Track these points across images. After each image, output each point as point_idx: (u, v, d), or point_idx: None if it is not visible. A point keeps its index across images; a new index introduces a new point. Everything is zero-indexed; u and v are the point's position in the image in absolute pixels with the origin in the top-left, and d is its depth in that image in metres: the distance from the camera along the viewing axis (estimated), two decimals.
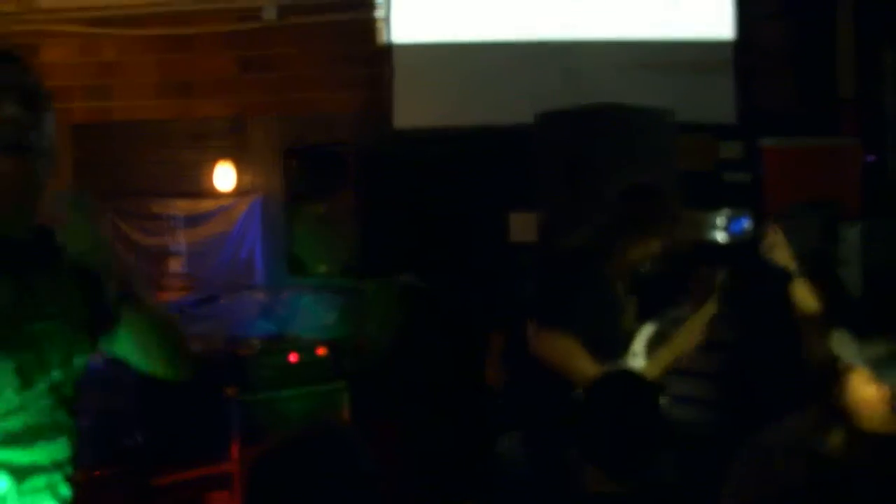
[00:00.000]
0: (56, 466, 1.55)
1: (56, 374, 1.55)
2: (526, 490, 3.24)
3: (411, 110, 5.63)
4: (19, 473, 1.50)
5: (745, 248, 5.05)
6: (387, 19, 5.68)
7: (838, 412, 1.92)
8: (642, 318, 3.39)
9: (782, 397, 3.50)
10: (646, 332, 3.36)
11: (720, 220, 5.16)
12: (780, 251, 2.93)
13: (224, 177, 5.98)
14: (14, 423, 1.49)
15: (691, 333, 3.45)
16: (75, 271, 1.60)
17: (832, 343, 2.15)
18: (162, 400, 4.00)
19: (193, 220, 5.97)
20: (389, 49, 5.67)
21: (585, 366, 3.00)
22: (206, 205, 5.99)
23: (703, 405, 4.10)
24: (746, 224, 5.16)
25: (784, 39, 5.59)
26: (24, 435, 1.50)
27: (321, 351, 4.83)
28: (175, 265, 5.91)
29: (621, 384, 2.32)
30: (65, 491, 1.60)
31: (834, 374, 2.00)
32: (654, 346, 3.35)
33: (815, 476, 1.47)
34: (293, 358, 4.73)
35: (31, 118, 1.56)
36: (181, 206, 5.99)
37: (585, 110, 4.39)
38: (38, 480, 1.53)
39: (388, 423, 4.51)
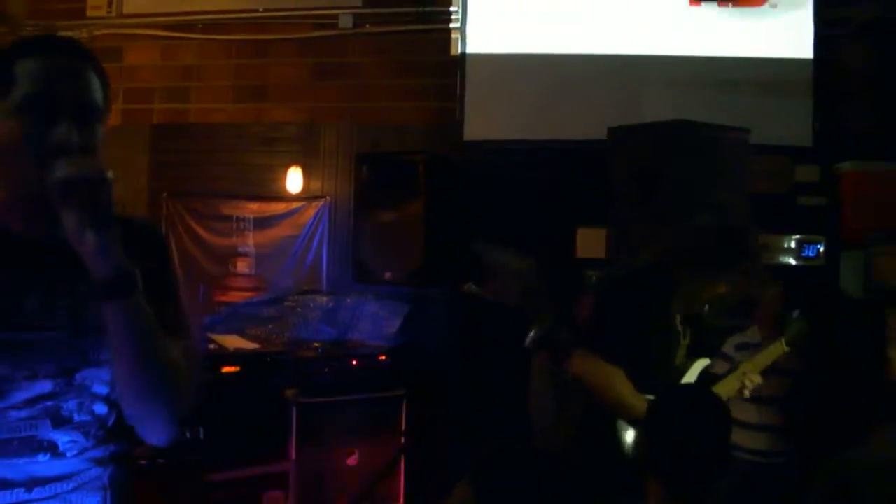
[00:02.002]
0: (36, 484, 1.41)
1: (44, 387, 1.42)
2: None
3: (482, 122, 5.61)
4: None
5: (817, 275, 4.94)
6: (461, 30, 5.68)
7: None
8: (698, 351, 3.15)
9: (846, 421, 3.40)
10: (698, 367, 3.14)
11: (793, 245, 5.04)
12: None
13: (294, 181, 6.05)
14: None
15: (757, 368, 3.38)
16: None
17: None
18: (223, 397, 4.06)
19: (262, 223, 6.07)
20: (462, 60, 5.67)
21: (628, 396, 2.80)
22: (276, 208, 6.08)
23: (764, 430, 4.01)
24: (820, 249, 5.03)
25: (865, 59, 5.42)
26: None
27: (382, 357, 4.85)
28: (243, 266, 5.99)
29: (696, 398, 2.28)
30: None
31: None
32: (706, 381, 3.18)
33: None
34: (354, 363, 4.75)
35: (86, 133, 1.44)
36: (251, 209, 6.08)
37: (659, 126, 4.32)
38: (7, 497, 1.40)
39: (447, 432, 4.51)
